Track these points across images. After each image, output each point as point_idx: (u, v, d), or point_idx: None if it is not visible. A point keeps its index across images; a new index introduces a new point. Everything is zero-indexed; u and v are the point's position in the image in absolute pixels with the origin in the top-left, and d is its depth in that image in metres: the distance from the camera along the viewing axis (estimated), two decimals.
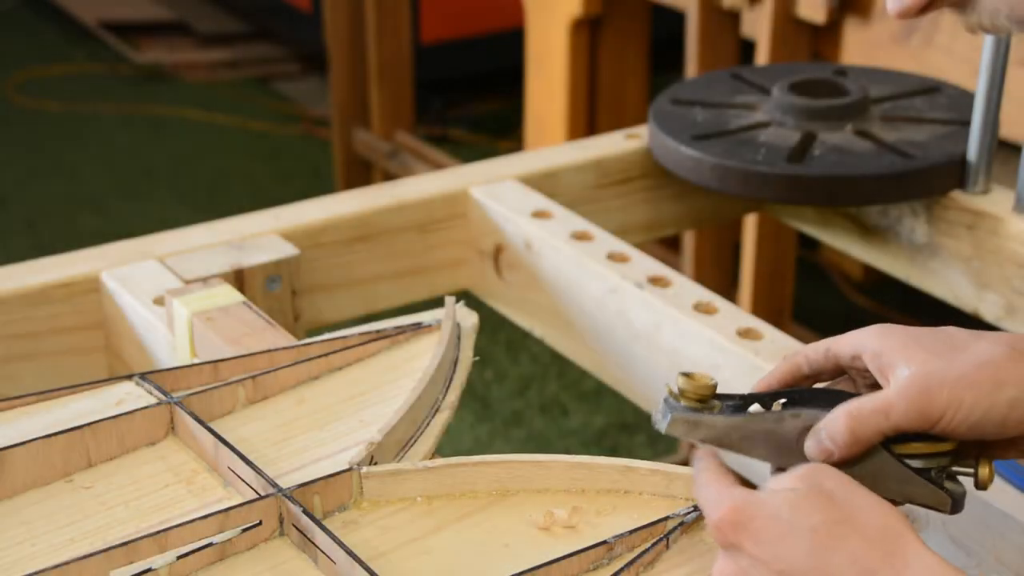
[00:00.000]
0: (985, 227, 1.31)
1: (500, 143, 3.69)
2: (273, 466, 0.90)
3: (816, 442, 0.82)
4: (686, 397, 0.84)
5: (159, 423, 0.94)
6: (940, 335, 0.82)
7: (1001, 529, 0.92)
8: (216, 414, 0.96)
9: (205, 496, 0.88)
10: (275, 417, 0.96)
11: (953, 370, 0.79)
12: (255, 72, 4.27)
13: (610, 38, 2.52)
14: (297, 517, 0.84)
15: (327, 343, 1.02)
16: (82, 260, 1.22)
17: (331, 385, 1.00)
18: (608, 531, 0.84)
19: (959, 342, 0.81)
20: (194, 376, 0.99)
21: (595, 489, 0.89)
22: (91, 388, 0.97)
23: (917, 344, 0.81)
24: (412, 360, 1.01)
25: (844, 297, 2.97)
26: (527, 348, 2.76)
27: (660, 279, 1.21)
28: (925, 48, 1.88)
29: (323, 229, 1.29)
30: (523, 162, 1.42)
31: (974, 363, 0.79)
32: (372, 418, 0.95)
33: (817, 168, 1.32)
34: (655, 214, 1.49)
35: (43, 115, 3.95)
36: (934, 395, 0.79)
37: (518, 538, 0.85)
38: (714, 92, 1.49)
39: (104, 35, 4.42)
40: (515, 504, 0.88)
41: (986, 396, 0.79)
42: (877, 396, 0.80)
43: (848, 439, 0.80)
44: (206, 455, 0.91)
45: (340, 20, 3.15)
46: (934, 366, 0.79)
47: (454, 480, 0.88)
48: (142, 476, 0.91)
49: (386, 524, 0.86)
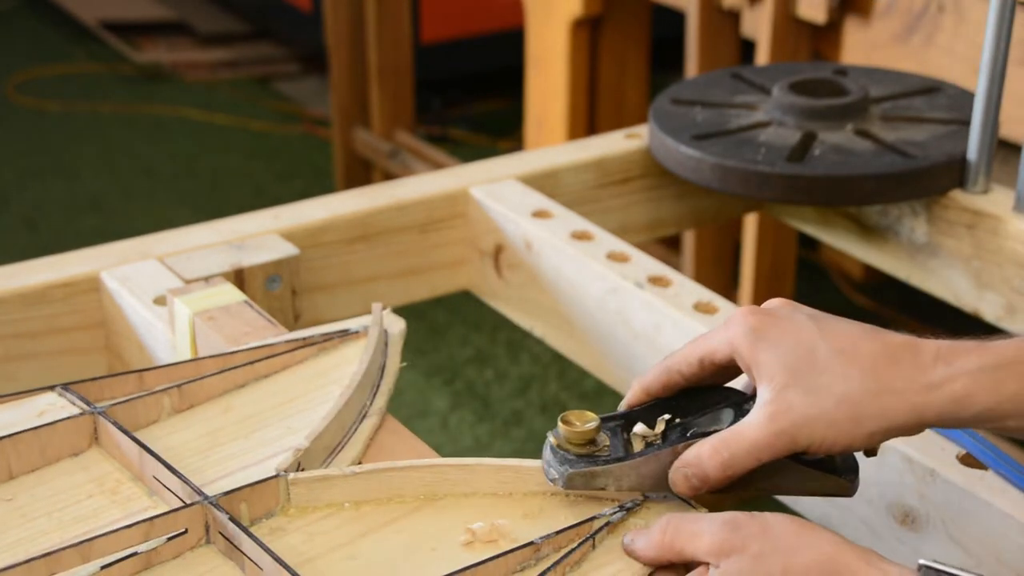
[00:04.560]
0: (985, 227, 1.31)
1: (500, 143, 3.69)
2: (199, 474, 0.89)
3: (683, 478, 0.84)
4: (572, 444, 0.85)
5: (82, 433, 0.92)
6: (802, 347, 0.82)
7: (1001, 529, 0.92)
8: (141, 423, 0.95)
9: (130, 506, 0.87)
10: (201, 426, 0.95)
11: (813, 408, 0.80)
12: (255, 72, 4.27)
13: (610, 38, 2.52)
14: (223, 524, 0.83)
15: (253, 351, 1.01)
16: (82, 260, 1.22)
17: (258, 393, 0.99)
18: (535, 533, 0.83)
19: (820, 360, 0.81)
20: (119, 386, 0.97)
21: (522, 491, 0.88)
22: (12, 399, 0.96)
23: (778, 361, 0.82)
24: (339, 367, 1.01)
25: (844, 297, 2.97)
26: (527, 348, 2.76)
27: (660, 279, 1.21)
28: (925, 48, 1.88)
29: (323, 229, 1.29)
30: (523, 162, 1.42)
31: (833, 400, 0.80)
32: (299, 425, 0.94)
33: (817, 168, 1.32)
34: (655, 214, 1.49)
35: (43, 115, 3.95)
36: (796, 435, 0.81)
37: (446, 542, 0.85)
38: (714, 92, 1.49)
39: (104, 35, 4.42)
40: (443, 508, 0.88)
41: (846, 434, 0.80)
42: (745, 434, 0.81)
43: (720, 476, 0.82)
44: (131, 465, 0.90)
45: (340, 20, 3.15)
46: (793, 400, 0.80)
47: (381, 485, 0.88)
48: (65, 487, 0.89)
49: (313, 530, 0.86)
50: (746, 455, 0.81)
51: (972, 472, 0.95)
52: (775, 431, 0.81)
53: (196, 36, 4.46)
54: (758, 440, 0.81)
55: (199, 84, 4.18)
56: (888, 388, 0.80)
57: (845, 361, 0.81)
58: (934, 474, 0.96)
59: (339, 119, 3.25)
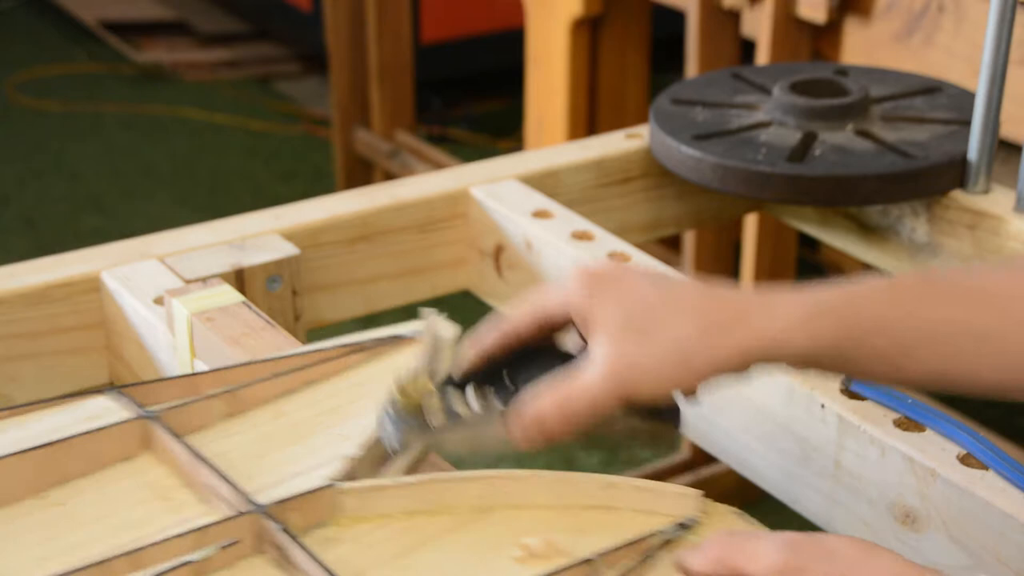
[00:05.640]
0: (986, 227, 1.31)
1: (500, 143, 3.69)
2: (251, 481, 0.88)
3: (523, 431, 0.86)
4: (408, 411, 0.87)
5: (134, 438, 0.92)
6: (635, 299, 0.85)
7: (1001, 529, 0.92)
8: (193, 428, 0.94)
9: (181, 513, 0.86)
10: (252, 431, 0.94)
11: (644, 351, 0.83)
12: (255, 72, 4.27)
13: (610, 38, 2.52)
14: (275, 535, 0.82)
15: (305, 356, 1.00)
16: (82, 260, 1.22)
17: (309, 398, 0.98)
18: (590, 548, 0.82)
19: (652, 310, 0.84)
20: (170, 389, 0.96)
21: (578, 505, 0.87)
22: (64, 402, 0.95)
23: (612, 314, 0.84)
24: (391, 373, 0.98)
25: None
26: None
27: None
28: (926, 48, 1.88)
29: (323, 229, 1.29)
30: (523, 162, 1.42)
31: (664, 344, 0.83)
32: (351, 432, 0.93)
33: (818, 168, 1.32)
34: (655, 214, 1.49)
35: (43, 115, 3.95)
36: (629, 378, 0.83)
37: (499, 556, 0.83)
38: (714, 92, 1.49)
39: (104, 35, 4.42)
40: (496, 521, 0.86)
41: (677, 376, 0.83)
42: (582, 382, 0.83)
43: (561, 427, 0.84)
44: (182, 471, 0.89)
45: (340, 20, 3.15)
46: (626, 348, 0.83)
47: (434, 496, 0.87)
48: (116, 493, 0.88)
49: (365, 541, 0.84)
50: (584, 402, 0.83)
51: (972, 472, 0.95)
52: (609, 375, 0.83)
53: (196, 36, 4.46)
54: (594, 387, 0.83)
55: (199, 84, 4.18)
56: (716, 330, 0.83)
57: (676, 309, 0.84)
58: (934, 474, 0.96)
59: (339, 119, 3.25)
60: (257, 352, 1.04)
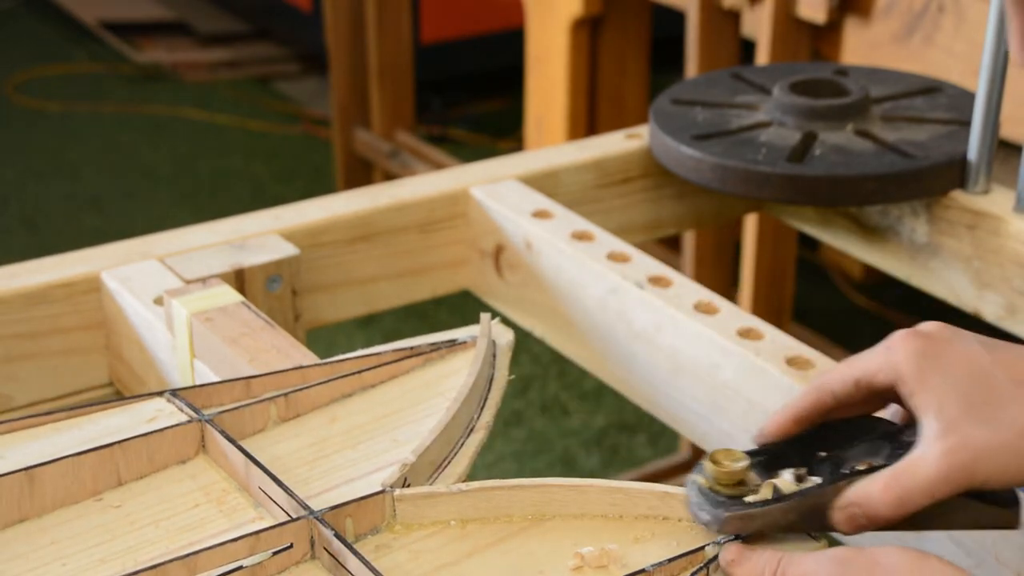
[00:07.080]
0: (986, 227, 1.31)
1: (500, 143, 3.69)
2: (304, 486, 0.88)
3: (849, 517, 0.79)
4: (723, 484, 0.82)
5: (190, 441, 0.92)
6: (975, 374, 0.77)
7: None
8: (247, 432, 0.94)
9: (235, 517, 0.87)
10: (307, 436, 0.94)
11: (993, 440, 0.75)
12: (255, 72, 4.27)
13: (610, 38, 2.52)
14: (329, 540, 0.82)
15: (360, 359, 1.00)
16: (82, 260, 1.22)
17: (364, 403, 0.97)
18: (645, 559, 0.81)
19: (996, 390, 0.77)
20: (225, 393, 0.96)
21: (633, 515, 0.86)
22: (121, 404, 0.96)
23: (950, 389, 0.77)
24: (446, 378, 0.99)
25: (844, 297, 2.97)
26: (527, 348, 2.76)
27: (660, 279, 1.21)
28: (925, 48, 1.88)
29: (323, 229, 1.29)
30: (523, 162, 1.42)
31: (1015, 432, 0.76)
32: (405, 437, 0.93)
33: (818, 168, 1.32)
34: (655, 214, 1.49)
35: (43, 115, 3.95)
36: (975, 469, 0.76)
37: (554, 566, 0.83)
38: (714, 92, 1.49)
39: (104, 35, 4.42)
40: (551, 529, 0.86)
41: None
42: (919, 470, 0.76)
43: (892, 514, 0.77)
44: (237, 474, 0.90)
45: (340, 20, 3.15)
46: (971, 432, 0.75)
47: (489, 504, 0.86)
48: (172, 495, 0.89)
49: (419, 548, 0.84)
50: (921, 492, 0.76)
51: None
52: (953, 466, 0.75)
53: (196, 36, 4.46)
54: (934, 476, 0.75)
55: (199, 84, 4.18)
56: None
57: (1019, 383, 0.77)
58: None
59: (339, 119, 3.25)
60: (256, 352, 1.05)
